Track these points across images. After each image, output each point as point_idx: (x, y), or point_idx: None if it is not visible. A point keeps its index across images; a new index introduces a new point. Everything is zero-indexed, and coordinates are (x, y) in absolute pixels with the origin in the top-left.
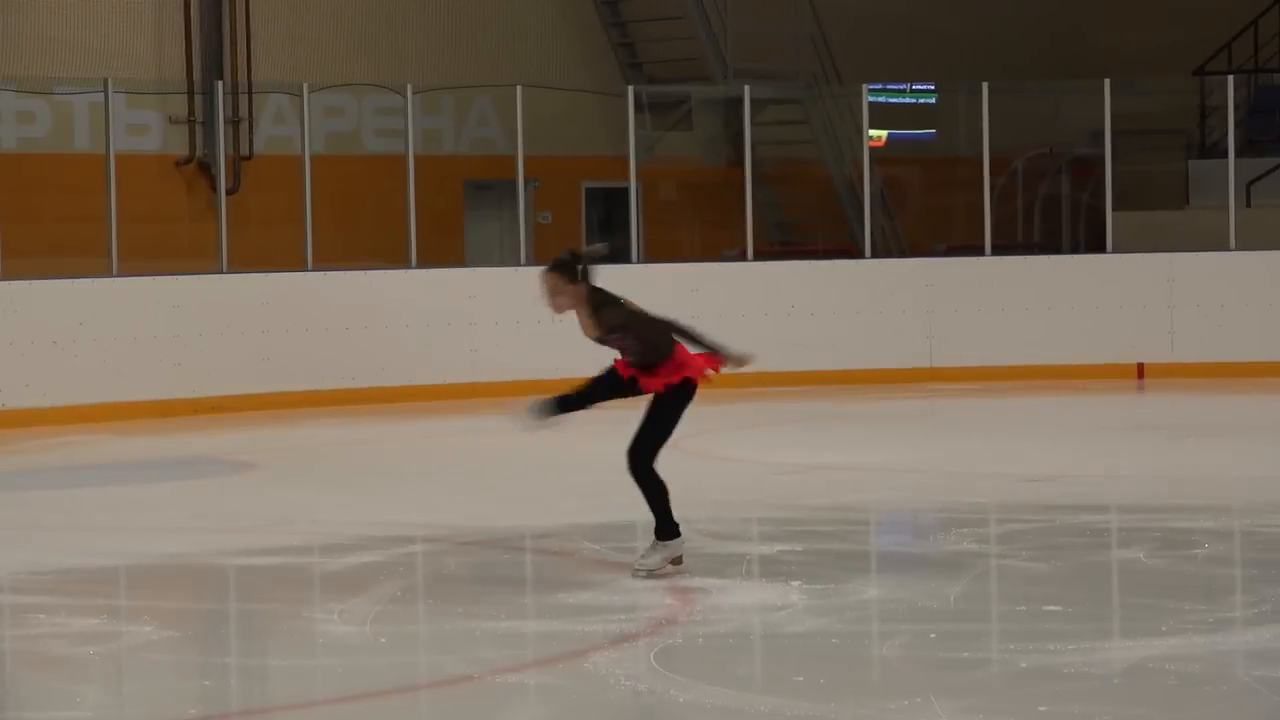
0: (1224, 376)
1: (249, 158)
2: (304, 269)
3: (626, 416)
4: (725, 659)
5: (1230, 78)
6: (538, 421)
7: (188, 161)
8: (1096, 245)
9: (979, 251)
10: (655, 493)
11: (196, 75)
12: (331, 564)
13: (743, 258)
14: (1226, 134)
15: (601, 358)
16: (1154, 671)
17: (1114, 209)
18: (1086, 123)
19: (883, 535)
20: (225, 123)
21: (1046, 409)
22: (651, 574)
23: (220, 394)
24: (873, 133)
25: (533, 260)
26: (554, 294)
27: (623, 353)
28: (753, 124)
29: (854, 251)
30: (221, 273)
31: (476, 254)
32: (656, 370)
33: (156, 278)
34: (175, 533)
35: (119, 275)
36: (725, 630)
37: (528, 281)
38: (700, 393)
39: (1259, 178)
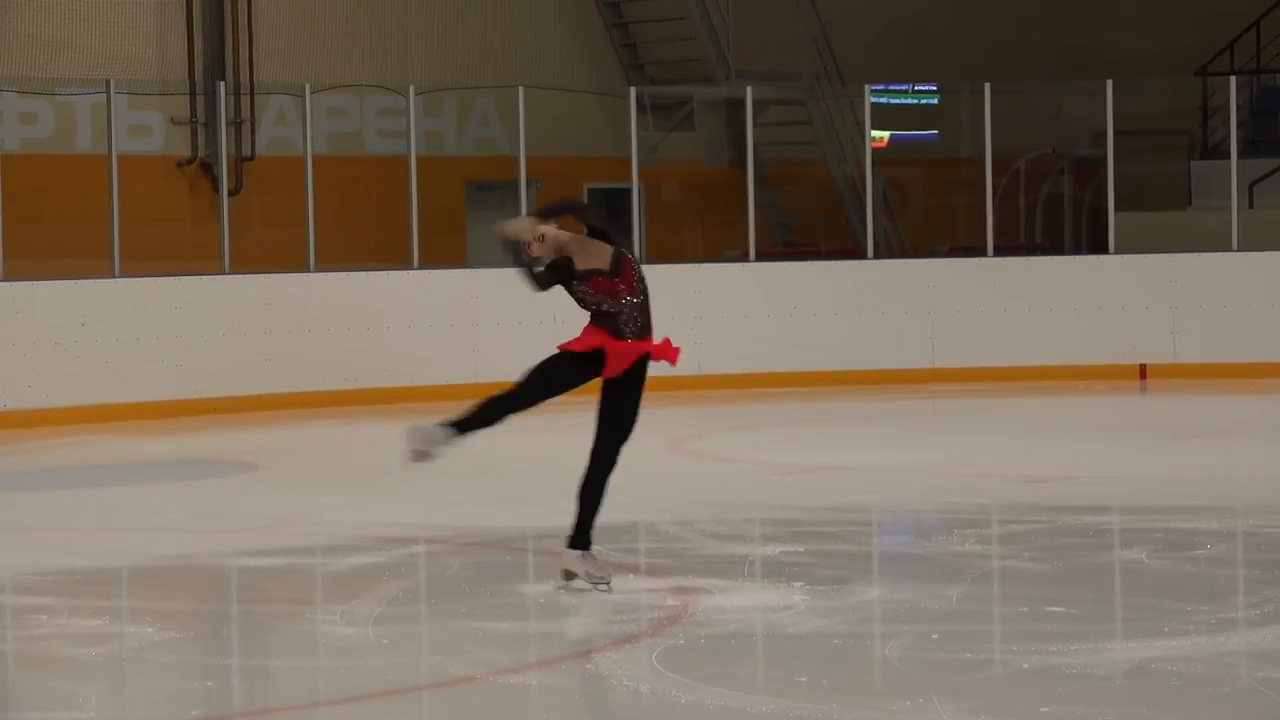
0: (1226, 377)
1: (251, 158)
2: (306, 270)
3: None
4: (727, 660)
5: (1233, 78)
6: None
7: (190, 162)
8: (1099, 246)
9: (981, 252)
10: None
11: (199, 76)
12: (333, 565)
13: (745, 258)
14: (1229, 135)
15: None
16: (1156, 672)
17: (1116, 210)
18: (1089, 123)
19: (885, 536)
20: (227, 124)
21: (1049, 410)
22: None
23: (222, 395)
24: (875, 133)
25: None
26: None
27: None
28: (755, 125)
29: (856, 252)
30: (223, 273)
31: (478, 255)
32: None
33: (158, 278)
34: (177, 533)
35: (121, 276)
36: (727, 631)
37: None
38: (701, 393)
39: (1261, 178)
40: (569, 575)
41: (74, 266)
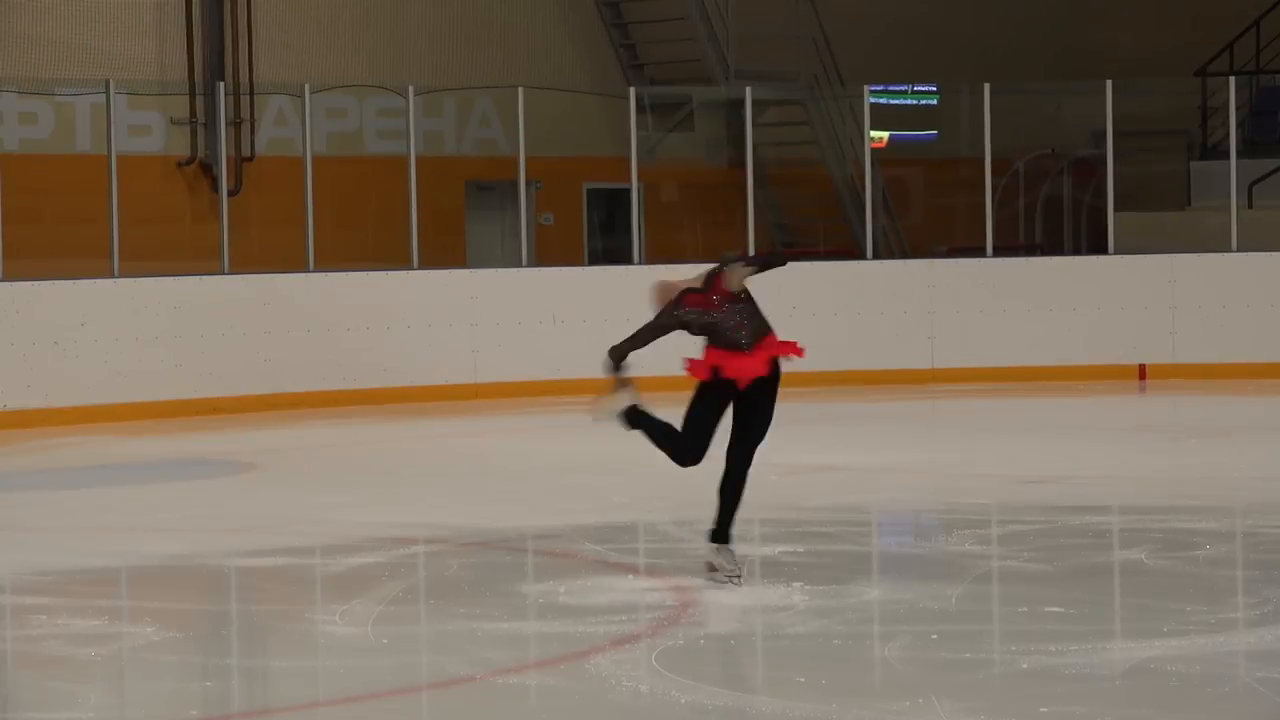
0: (1226, 378)
1: (250, 159)
2: (305, 270)
3: None
4: (727, 660)
5: (1232, 78)
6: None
7: (189, 162)
8: (1098, 246)
9: (980, 253)
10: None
11: (198, 76)
12: (333, 565)
13: None
14: (1228, 135)
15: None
16: (1155, 673)
17: (1116, 210)
18: (1088, 123)
19: (884, 536)
20: (227, 124)
21: (1048, 410)
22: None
23: (221, 395)
24: (874, 134)
25: (534, 261)
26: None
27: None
28: (754, 125)
29: (855, 253)
30: (223, 274)
31: (478, 255)
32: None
33: (158, 278)
34: (176, 533)
35: (120, 276)
36: (727, 631)
37: (529, 283)
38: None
39: (1261, 179)
40: (710, 567)
41: (73, 266)
